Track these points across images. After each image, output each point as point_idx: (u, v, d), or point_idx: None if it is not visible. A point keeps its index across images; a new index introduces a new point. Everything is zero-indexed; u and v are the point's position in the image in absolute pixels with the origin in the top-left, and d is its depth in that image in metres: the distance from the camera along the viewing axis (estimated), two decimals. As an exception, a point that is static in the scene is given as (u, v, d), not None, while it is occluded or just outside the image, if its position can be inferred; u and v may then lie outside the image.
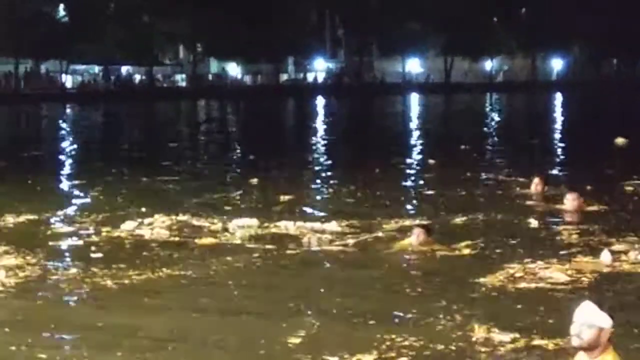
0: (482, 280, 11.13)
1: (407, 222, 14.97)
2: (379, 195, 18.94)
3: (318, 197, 19.41)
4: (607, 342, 5.77)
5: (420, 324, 9.44)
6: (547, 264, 11.88)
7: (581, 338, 5.73)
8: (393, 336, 8.91)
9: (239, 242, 13.84)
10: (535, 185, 17.64)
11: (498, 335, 8.89)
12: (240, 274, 11.82)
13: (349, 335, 9.13)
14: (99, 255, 12.95)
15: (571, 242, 13.57)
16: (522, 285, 10.98)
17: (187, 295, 10.87)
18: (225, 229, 14.67)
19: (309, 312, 9.97)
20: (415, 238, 12.79)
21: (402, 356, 8.48)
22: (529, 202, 17.16)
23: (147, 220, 15.35)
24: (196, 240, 13.88)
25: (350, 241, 13.73)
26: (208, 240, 13.90)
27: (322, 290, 11.04)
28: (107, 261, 12.47)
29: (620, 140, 29.80)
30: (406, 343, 8.77)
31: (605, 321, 5.74)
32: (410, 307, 10.02)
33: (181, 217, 15.62)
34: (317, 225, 14.84)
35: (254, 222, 15.05)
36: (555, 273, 11.47)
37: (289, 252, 13.12)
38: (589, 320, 5.71)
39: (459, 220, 15.37)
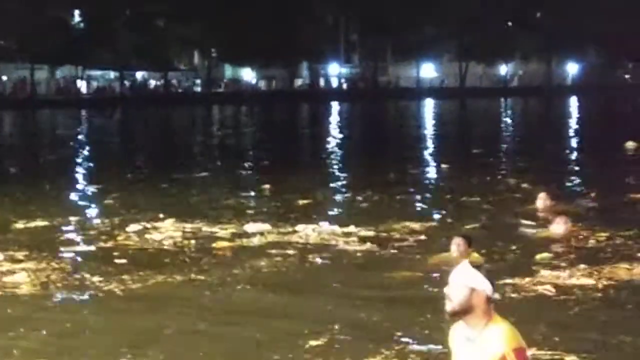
0: (506, 288, 10.95)
1: (428, 230, 14.94)
2: (396, 200, 18.90)
3: (335, 203, 19.34)
4: (490, 309, 5.08)
5: (442, 332, 9.30)
6: (574, 272, 11.71)
7: (451, 300, 5.10)
8: (413, 343, 8.87)
9: (257, 247, 13.81)
10: (543, 200, 16.81)
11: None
12: (260, 279, 11.79)
13: (368, 341, 9.08)
14: (115, 260, 12.93)
15: (595, 252, 13.20)
16: (548, 292, 10.83)
17: (206, 299, 10.86)
18: (242, 234, 14.65)
19: (330, 317, 9.92)
20: (455, 248, 12.15)
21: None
22: (537, 214, 16.51)
23: (162, 226, 15.38)
24: (214, 245, 13.86)
25: (371, 246, 13.68)
26: (226, 245, 13.89)
27: (344, 295, 10.97)
28: (124, 266, 12.48)
29: (630, 144, 29.70)
30: (425, 349, 8.73)
31: (478, 282, 5.08)
32: (432, 314, 9.92)
33: (198, 223, 15.61)
34: (336, 229, 14.81)
35: (272, 227, 15.05)
36: (583, 280, 11.30)
37: (309, 257, 13.08)
38: (460, 280, 5.10)
39: (473, 227, 15.26)
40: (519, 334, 5.04)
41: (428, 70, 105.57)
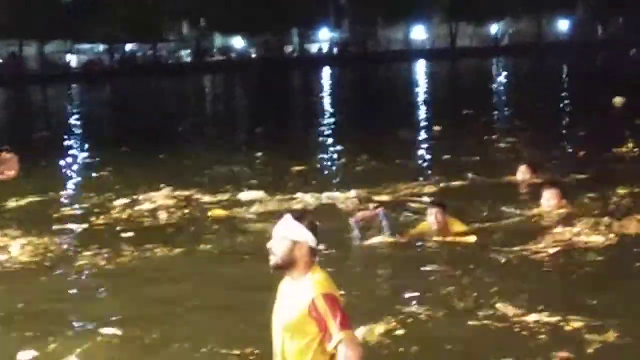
0: (507, 254, 10.77)
1: (422, 193, 14.85)
2: (391, 163, 18.78)
3: (331, 168, 19.23)
4: (312, 262, 5.16)
5: (443, 300, 9.19)
6: (578, 232, 11.45)
7: (274, 254, 5.15)
8: (412, 310, 8.81)
9: (255, 215, 13.69)
10: (522, 173, 15.87)
11: (524, 312, 8.59)
12: (261, 247, 11.62)
13: (369, 307, 9.01)
14: (111, 232, 12.89)
15: (597, 210, 12.73)
16: (550, 255, 10.61)
17: (204, 270, 10.80)
18: (239, 203, 14.57)
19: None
20: (433, 219, 11.85)
21: (421, 329, 8.40)
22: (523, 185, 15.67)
23: (157, 196, 15.30)
24: (210, 214, 13.79)
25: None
26: (222, 214, 13.80)
27: (345, 262, 10.86)
28: (121, 238, 12.43)
29: (618, 100, 29.56)
30: (426, 316, 8.67)
31: (299, 234, 5.15)
32: (433, 283, 9.83)
33: (193, 192, 15.55)
34: (335, 195, 14.68)
35: (269, 194, 14.93)
36: (593, 237, 11.08)
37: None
38: (282, 233, 5.16)
39: (464, 191, 15.12)
40: (332, 283, 5.09)
41: (418, 33, 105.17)
